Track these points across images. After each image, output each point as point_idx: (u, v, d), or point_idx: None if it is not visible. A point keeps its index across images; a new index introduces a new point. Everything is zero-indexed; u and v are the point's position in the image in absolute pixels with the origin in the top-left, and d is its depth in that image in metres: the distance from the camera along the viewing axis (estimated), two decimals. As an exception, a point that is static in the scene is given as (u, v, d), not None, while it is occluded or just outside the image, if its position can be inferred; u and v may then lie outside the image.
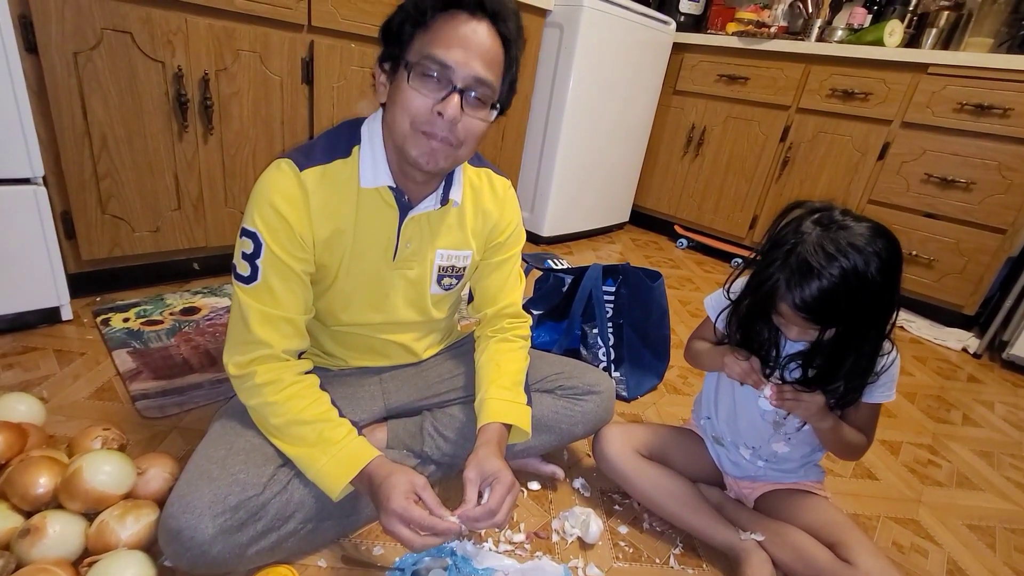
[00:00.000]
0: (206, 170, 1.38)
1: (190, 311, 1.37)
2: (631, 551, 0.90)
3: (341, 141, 0.76)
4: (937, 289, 2.07)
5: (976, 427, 1.48)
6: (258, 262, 0.72)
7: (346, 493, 0.72)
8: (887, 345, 0.78)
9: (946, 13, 2.06)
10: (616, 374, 1.34)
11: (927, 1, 2.14)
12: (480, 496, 0.72)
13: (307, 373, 0.79)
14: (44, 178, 1.11)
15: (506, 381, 0.88)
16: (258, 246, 0.72)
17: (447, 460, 0.93)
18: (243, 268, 0.73)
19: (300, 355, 0.81)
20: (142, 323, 1.28)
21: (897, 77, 2.03)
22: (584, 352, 1.34)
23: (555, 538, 0.89)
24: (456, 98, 0.67)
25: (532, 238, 2.40)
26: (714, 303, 0.94)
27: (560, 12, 2.05)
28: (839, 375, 0.79)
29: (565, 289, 1.40)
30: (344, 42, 1.52)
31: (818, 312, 0.71)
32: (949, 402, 1.59)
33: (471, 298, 0.98)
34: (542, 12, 2.06)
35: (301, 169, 0.72)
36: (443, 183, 0.81)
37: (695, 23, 2.61)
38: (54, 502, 0.73)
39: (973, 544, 1.03)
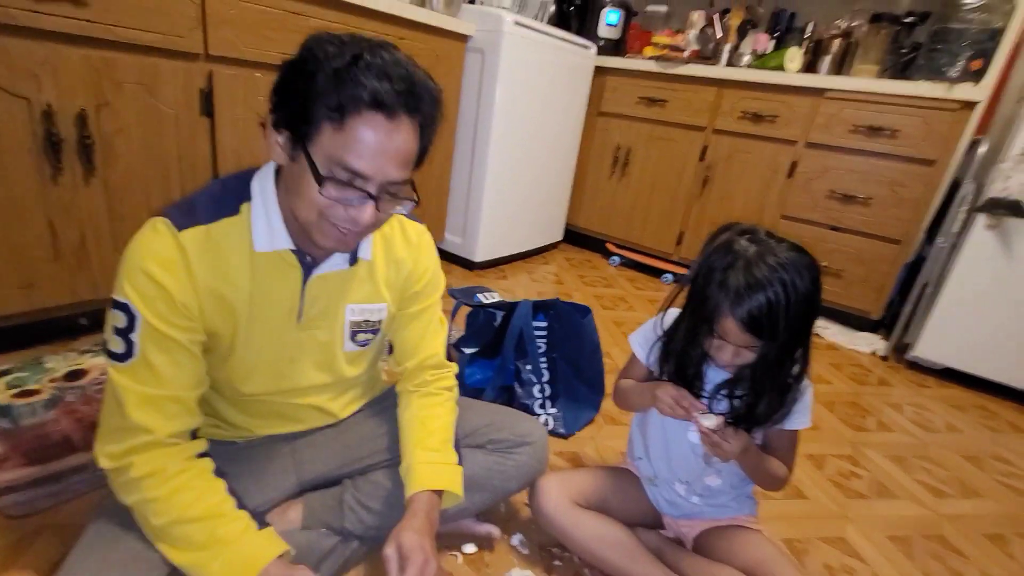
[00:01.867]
0: (88, 215, 1.23)
1: (75, 375, 1.21)
2: (573, 610, 0.86)
3: (227, 197, 0.68)
4: (846, 296, 2.22)
5: (889, 432, 1.57)
6: (133, 336, 0.63)
7: None
8: (799, 370, 0.80)
9: (837, 41, 2.23)
10: (553, 410, 1.31)
11: (820, 29, 2.30)
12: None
13: (200, 456, 0.70)
14: None
15: (433, 441, 0.83)
16: (132, 318, 0.62)
17: (372, 533, 0.85)
18: (115, 344, 0.63)
19: (193, 434, 0.71)
20: (13, 395, 1.11)
21: (799, 100, 2.16)
22: (519, 389, 1.30)
23: (493, 607, 0.84)
24: (371, 206, 0.62)
25: (465, 264, 2.36)
26: (641, 339, 0.93)
27: (481, 37, 2.04)
28: (764, 396, 0.81)
29: (497, 325, 1.36)
30: (248, 71, 1.41)
31: (762, 326, 0.72)
32: (864, 408, 1.69)
33: (391, 349, 0.92)
34: (463, 38, 2.03)
35: (180, 229, 0.64)
36: None
37: (614, 47, 2.68)
38: None
39: (894, 556, 1.08)
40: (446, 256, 2.41)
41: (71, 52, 1.11)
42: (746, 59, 2.40)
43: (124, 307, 0.62)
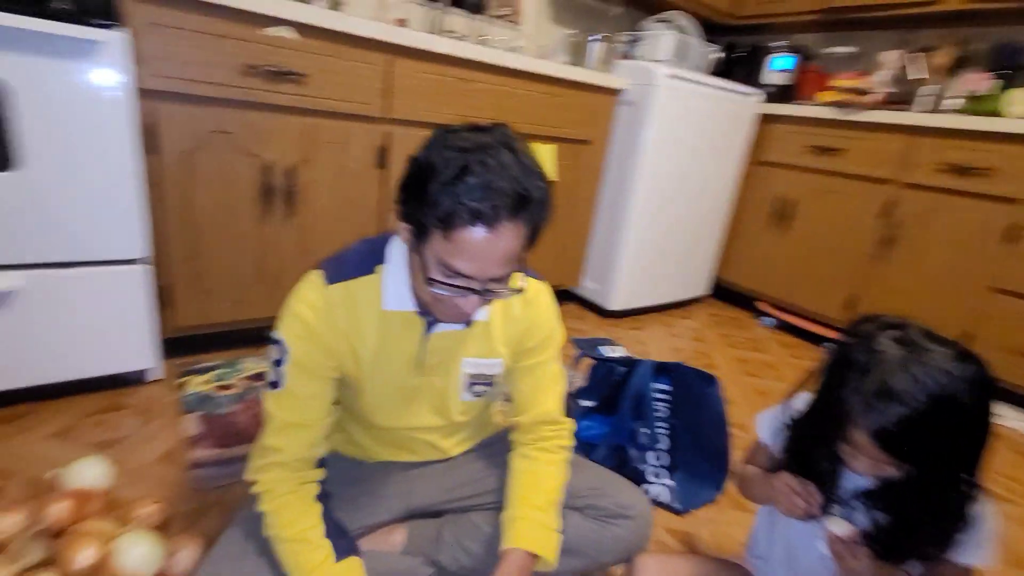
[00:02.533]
0: (285, 249, 1.52)
1: (260, 376, 1.47)
2: None
3: (366, 259, 0.77)
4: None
5: None
6: (282, 369, 0.74)
7: None
8: (978, 494, 0.64)
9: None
10: (669, 481, 1.22)
11: (1064, 66, 1.88)
12: None
13: (314, 482, 0.78)
14: (152, 257, 1.28)
15: (541, 500, 0.83)
16: (283, 353, 0.74)
17: (464, 573, 0.88)
18: (270, 375, 0.76)
19: (320, 463, 0.80)
20: (216, 387, 1.40)
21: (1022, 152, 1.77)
22: (633, 451, 1.25)
23: None
24: (475, 299, 0.67)
25: (599, 311, 2.34)
26: (768, 421, 0.84)
27: (634, 90, 2.07)
28: (915, 522, 0.66)
29: (617, 380, 1.33)
30: (419, 129, 1.63)
31: (899, 444, 0.60)
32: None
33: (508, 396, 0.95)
34: (616, 92, 2.08)
35: (328, 283, 0.74)
36: None
37: (783, 93, 2.50)
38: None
39: None
40: (581, 302, 2.43)
41: (289, 120, 1.41)
42: (951, 103, 2.05)
43: (279, 343, 0.75)
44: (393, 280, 0.75)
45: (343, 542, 0.75)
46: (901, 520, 0.67)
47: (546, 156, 1.94)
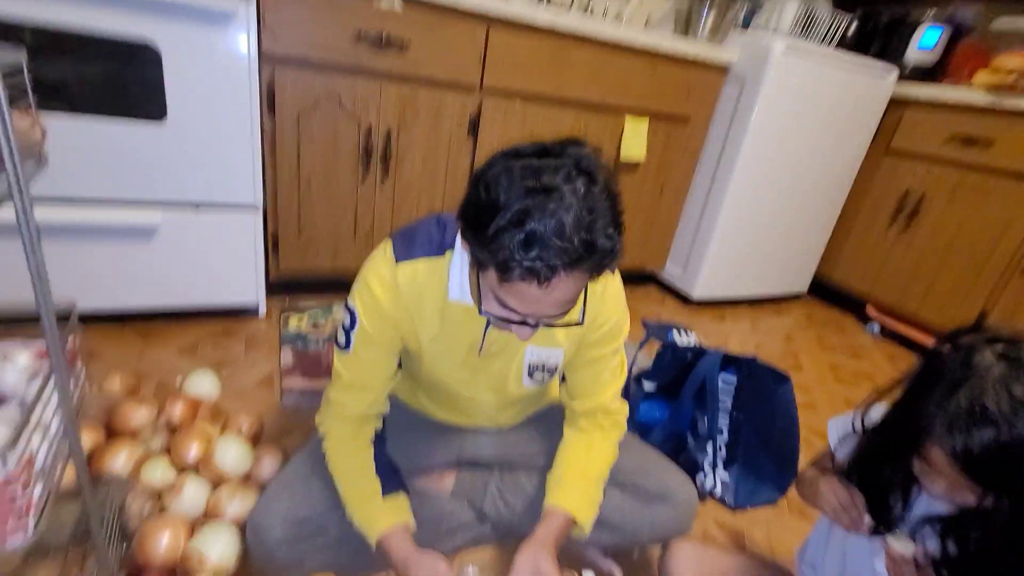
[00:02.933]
0: (378, 209, 1.63)
1: (347, 323, 1.62)
2: None
3: (441, 239, 0.76)
4: None
5: None
6: (352, 334, 0.79)
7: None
8: None
9: None
10: (724, 474, 1.19)
11: None
12: None
13: (368, 435, 0.84)
14: (264, 204, 1.44)
15: (591, 471, 0.85)
16: (353, 321, 0.78)
17: (504, 525, 0.93)
18: (341, 337, 0.81)
19: (380, 417, 0.86)
20: (310, 327, 1.56)
21: None
22: (691, 440, 1.22)
23: (592, 643, 0.83)
24: (528, 330, 0.65)
25: (681, 298, 2.26)
26: (839, 425, 0.79)
27: (743, 65, 1.92)
28: (993, 557, 0.60)
29: (683, 367, 1.30)
30: (510, 100, 1.65)
31: (985, 471, 0.54)
32: None
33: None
34: (723, 68, 1.95)
35: (398, 261, 0.75)
36: None
37: (926, 74, 2.19)
38: (197, 467, 0.94)
39: None
40: (662, 286, 2.36)
41: (391, 86, 1.49)
42: None
43: (351, 311, 0.79)
44: (459, 271, 0.74)
45: (393, 480, 0.81)
46: (977, 553, 0.61)
47: (636, 131, 1.88)
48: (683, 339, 1.35)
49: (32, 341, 0.70)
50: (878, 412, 0.71)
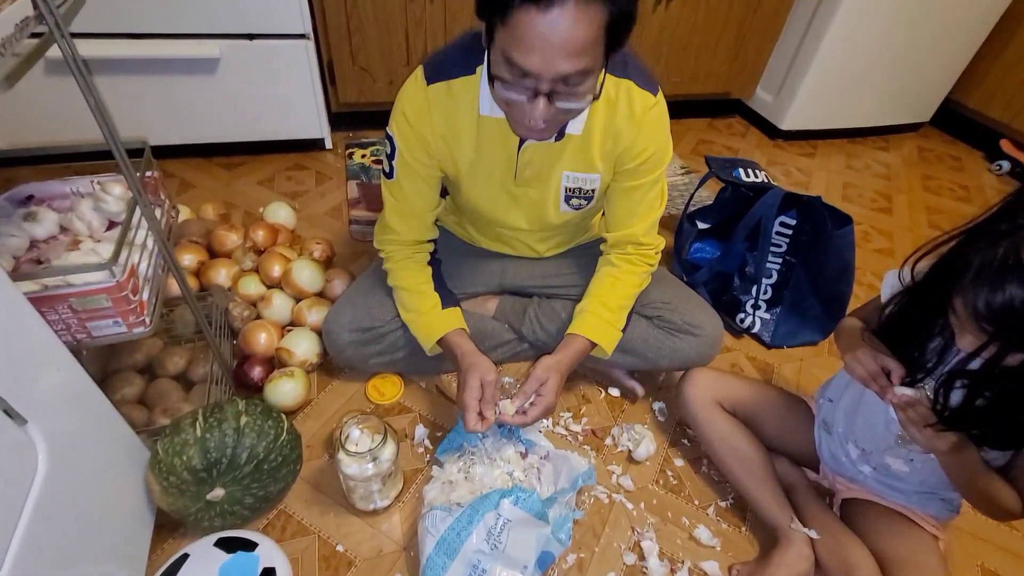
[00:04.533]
0: (430, 30, 1.53)
1: (408, 156, 1.65)
2: (675, 483, 0.93)
3: (469, 56, 0.74)
4: None
5: None
6: (393, 163, 0.83)
7: (436, 352, 0.90)
8: None
9: None
10: (765, 314, 1.20)
11: None
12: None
13: (426, 252, 0.93)
14: (315, 33, 1.41)
15: (612, 301, 0.89)
16: (393, 149, 0.81)
17: (540, 345, 1.05)
18: (385, 165, 0.85)
19: (430, 241, 0.93)
20: (372, 160, 1.62)
21: None
22: (737, 281, 1.22)
23: (608, 441, 0.97)
24: (542, 101, 0.61)
25: (768, 130, 2.03)
26: (892, 279, 0.76)
27: None
28: (1008, 410, 0.61)
29: (742, 204, 1.24)
30: None
31: (1001, 326, 0.53)
32: None
33: None
34: None
35: (429, 83, 0.74)
36: None
37: None
38: (280, 284, 1.11)
39: None
40: (749, 115, 2.11)
41: None
42: None
43: (390, 139, 0.81)
44: (487, 84, 0.72)
45: (450, 298, 0.92)
46: (994, 409, 0.61)
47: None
48: (750, 178, 1.26)
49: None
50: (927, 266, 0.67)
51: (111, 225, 0.78)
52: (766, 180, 1.25)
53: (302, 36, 1.38)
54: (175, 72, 1.34)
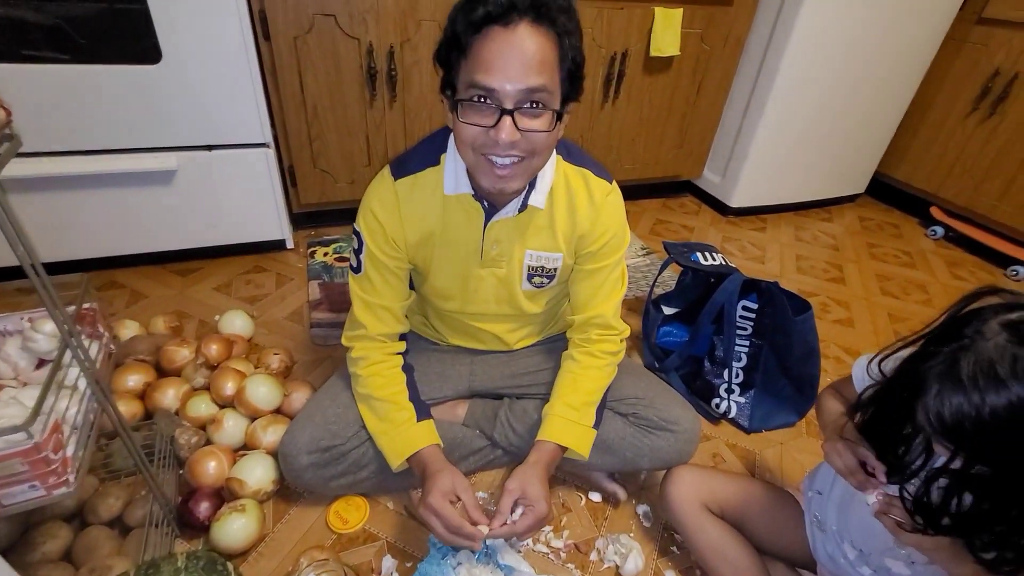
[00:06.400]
0: (390, 132, 1.58)
1: (372, 252, 1.65)
2: (668, 600, 0.86)
3: (433, 149, 0.80)
4: None
5: None
6: (361, 257, 0.84)
7: (402, 468, 0.84)
8: None
9: None
10: (740, 398, 1.19)
11: None
12: (513, 510, 0.77)
13: (399, 353, 0.91)
14: (275, 140, 1.43)
15: (576, 400, 0.88)
16: (361, 243, 0.83)
17: (514, 450, 0.99)
18: (352, 260, 0.86)
19: (402, 336, 0.92)
20: (335, 258, 1.60)
21: None
22: (708, 365, 1.21)
23: (593, 556, 0.91)
24: (508, 121, 0.64)
25: (718, 207, 2.13)
26: (863, 368, 0.75)
27: (801, -72, 1.62)
28: (1000, 522, 0.59)
29: (705, 290, 1.26)
30: None
31: (956, 439, 0.52)
32: None
33: None
34: (776, -69, 1.65)
35: (396, 178, 0.79)
36: (527, 187, 0.79)
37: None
38: (234, 402, 1.04)
39: None
40: (699, 195, 2.22)
41: (388, -3, 1.38)
42: None
43: (357, 234, 0.83)
44: (452, 165, 0.78)
45: (422, 409, 0.88)
46: (987, 513, 0.59)
47: (668, 23, 1.67)
48: (708, 261, 1.29)
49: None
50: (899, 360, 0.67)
51: (41, 363, 0.71)
52: (724, 262, 1.28)
53: (263, 145, 1.40)
54: (129, 184, 1.32)
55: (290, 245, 1.63)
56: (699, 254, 1.32)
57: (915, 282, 1.81)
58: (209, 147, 1.35)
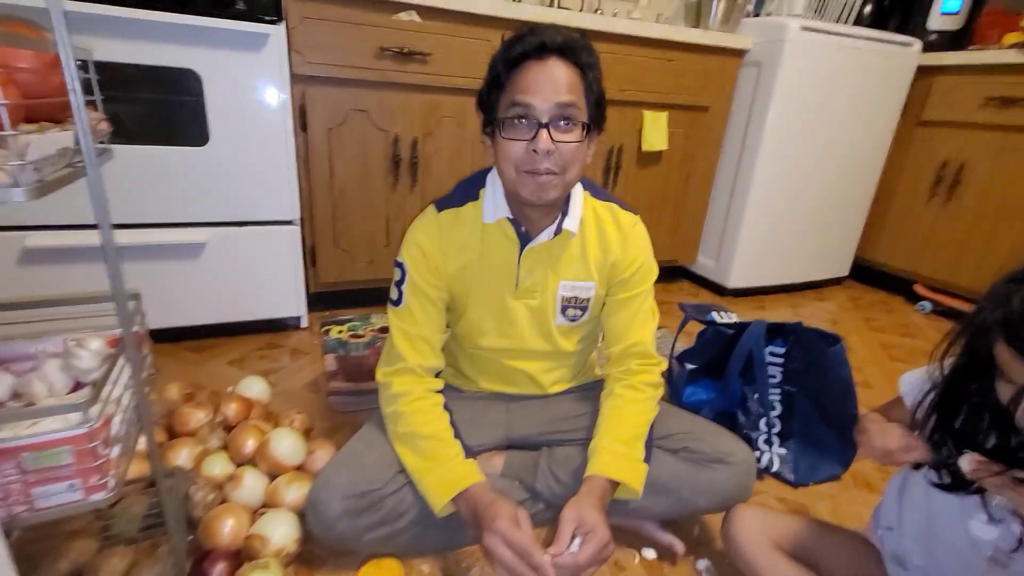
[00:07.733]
0: (409, 215, 1.66)
1: (386, 329, 1.65)
2: (752, 664, 0.75)
3: (473, 187, 0.88)
4: None
5: None
6: (403, 288, 0.87)
7: (448, 511, 0.78)
8: None
9: None
10: (781, 449, 1.14)
11: None
12: (572, 540, 0.71)
13: (438, 392, 0.89)
14: (301, 219, 1.50)
15: (624, 433, 0.85)
16: (404, 274, 0.86)
17: (557, 501, 0.92)
18: (393, 293, 0.88)
19: (437, 374, 0.91)
20: (350, 335, 1.59)
21: None
22: (742, 418, 1.18)
23: (658, 618, 0.80)
24: (544, 133, 0.73)
25: (716, 289, 2.22)
26: (914, 380, 0.75)
27: (760, 49, 1.92)
28: None
29: (726, 343, 1.27)
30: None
31: None
32: None
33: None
34: (739, 53, 1.96)
35: (439, 210, 0.86)
36: (560, 214, 0.85)
37: (952, 40, 2.15)
38: (254, 460, 0.97)
39: None
40: (696, 280, 2.32)
41: (414, 96, 1.55)
42: None
43: (400, 265, 0.87)
44: (491, 195, 0.85)
45: (466, 448, 0.83)
46: None
47: (656, 124, 1.89)
48: (723, 318, 1.32)
49: (102, 332, 0.75)
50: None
51: (77, 386, 0.68)
52: (739, 320, 1.31)
53: (290, 222, 1.47)
54: (158, 257, 1.35)
55: (305, 324, 1.62)
56: (715, 313, 1.36)
57: (918, 349, 1.85)
58: (240, 223, 1.41)
